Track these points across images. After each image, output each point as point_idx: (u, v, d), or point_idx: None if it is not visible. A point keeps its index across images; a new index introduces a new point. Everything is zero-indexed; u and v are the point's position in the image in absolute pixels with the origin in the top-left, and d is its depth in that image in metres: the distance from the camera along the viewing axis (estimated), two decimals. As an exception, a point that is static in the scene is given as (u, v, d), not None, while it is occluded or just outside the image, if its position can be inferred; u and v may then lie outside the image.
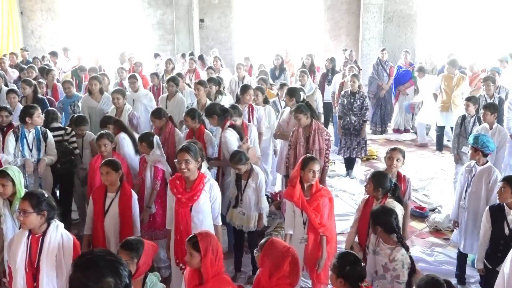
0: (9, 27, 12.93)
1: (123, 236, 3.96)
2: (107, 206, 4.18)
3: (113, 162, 4.25)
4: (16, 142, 5.40)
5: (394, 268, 3.54)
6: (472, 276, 4.95)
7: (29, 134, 5.44)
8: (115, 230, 4.16)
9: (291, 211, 4.27)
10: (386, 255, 3.58)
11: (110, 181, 4.17)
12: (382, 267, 3.60)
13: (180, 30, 12.56)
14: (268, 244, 3.12)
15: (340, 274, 2.94)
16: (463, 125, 6.57)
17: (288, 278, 3.05)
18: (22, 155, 5.35)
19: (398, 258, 3.53)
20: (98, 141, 5.02)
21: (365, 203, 4.18)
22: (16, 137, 5.41)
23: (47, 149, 5.53)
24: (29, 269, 3.23)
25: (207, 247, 3.03)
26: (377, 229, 3.62)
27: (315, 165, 4.14)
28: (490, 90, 7.45)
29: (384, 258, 3.60)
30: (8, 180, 3.88)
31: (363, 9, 11.66)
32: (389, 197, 4.08)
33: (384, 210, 3.71)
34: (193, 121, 5.54)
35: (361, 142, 7.72)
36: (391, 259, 3.55)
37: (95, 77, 7.44)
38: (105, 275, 1.83)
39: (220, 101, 7.23)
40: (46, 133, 5.55)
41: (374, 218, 3.66)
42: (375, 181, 4.06)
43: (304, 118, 5.45)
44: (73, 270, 1.89)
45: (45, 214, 3.23)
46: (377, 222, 3.62)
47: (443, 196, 7.02)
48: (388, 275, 3.59)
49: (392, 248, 3.57)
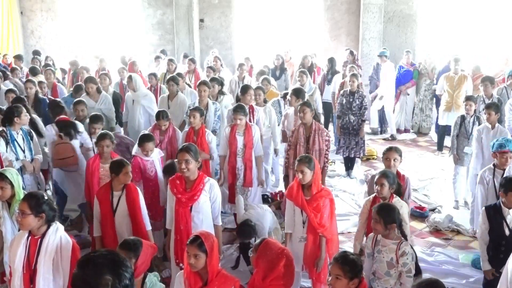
0: (9, 27, 12.92)
1: (135, 231, 3.98)
2: (115, 205, 4.17)
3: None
4: (6, 146, 5.22)
5: (404, 262, 3.50)
6: (472, 276, 4.95)
7: (17, 135, 5.34)
8: (127, 227, 4.16)
9: (291, 210, 4.27)
10: (392, 250, 3.55)
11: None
12: (387, 263, 3.56)
13: (180, 30, 12.56)
14: (263, 246, 3.12)
15: (354, 275, 2.94)
16: (463, 125, 6.56)
17: (282, 280, 3.05)
18: (17, 157, 5.25)
19: (408, 251, 3.52)
20: (100, 141, 4.99)
21: (371, 204, 4.16)
22: (6, 141, 5.23)
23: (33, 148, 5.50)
24: (27, 270, 3.23)
25: (212, 246, 3.04)
26: (380, 223, 3.56)
27: (304, 166, 4.11)
28: (488, 90, 7.43)
29: (389, 254, 3.56)
30: (6, 183, 3.89)
31: (363, 9, 11.65)
32: (395, 197, 4.09)
33: (388, 204, 3.72)
34: (201, 118, 5.70)
35: (359, 142, 7.72)
36: (400, 253, 3.51)
37: (90, 79, 7.39)
38: (103, 273, 1.86)
39: (221, 101, 7.25)
40: (31, 132, 5.52)
41: (380, 211, 3.60)
42: (390, 179, 4.06)
43: (310, 113, 5.50)
44: (76, 268, 1.95)
45: (43, 216, 3.21)
46: (382, 215, 3.56)
47: (443, 196, 7.02)
48: (393, 271, 3.55)
49: (397, 243, 3.55)
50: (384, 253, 3.59)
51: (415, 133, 10.37)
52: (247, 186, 5.66)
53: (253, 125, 5.85)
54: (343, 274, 2.93)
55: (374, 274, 3.66)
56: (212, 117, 6.59)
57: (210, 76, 8.48)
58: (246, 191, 5.68)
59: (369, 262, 3.71)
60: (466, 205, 6.58)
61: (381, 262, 3.60)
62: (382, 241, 3.62)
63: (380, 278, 3.61)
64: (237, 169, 5.63)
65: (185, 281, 3.13)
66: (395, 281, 3.57)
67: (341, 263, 2.95)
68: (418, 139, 10.13)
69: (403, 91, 10.27)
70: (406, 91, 10.26)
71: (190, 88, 8.19)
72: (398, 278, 3.57)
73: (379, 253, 3.63)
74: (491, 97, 7.36)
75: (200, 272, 3.09)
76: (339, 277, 2.94)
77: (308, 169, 4.11)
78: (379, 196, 4.11)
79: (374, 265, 3.67)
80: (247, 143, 5.60)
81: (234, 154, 5.60)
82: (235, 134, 5.62)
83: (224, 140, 5.74)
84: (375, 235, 3.68)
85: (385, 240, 3.60)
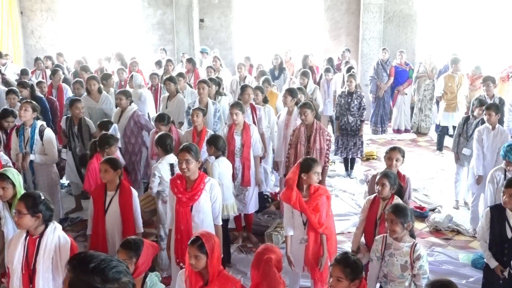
0: (9, 27, 12.91)
1: (125, 233, 3.98)
2: (107, 205, 4.18)
3: (112, 160, 4.27)
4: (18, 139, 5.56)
5: (420, 265, 3.47)
6: (472, 276, 4.95)
7: (25, 131, 5.51)
8: (118, 228, 4.16)
9: (289, 213, 4.25)
10: (406, 253, 3.51)
11: (108, 179, 4.18)
12: (401, 266, 3.51)
13: (180, 30, 12.55)
14: (265, 265, 3.18)
15: (356, 277, 2.93)
16: (465, 126, 6.53)
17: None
18: (21, 150, 5.45)
19: (422, 254, 3.50)
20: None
21: (371, 204, 4.16)
22: (17, 134, 5.56)
23: (44, 148, 5.52)
24: (26, 270, 3.23)
25: (212, 247, 3.05)
26: (398, 224, 3.48)
27: (318, 167, 4.10)
28: (490, 90, 7.42)
29: (403, 257, 3.51)
30: (8, 183, 3.89)
31: (363, 9, 11.65)
32: (395, 198, 4.09)
33: (402, 204, 3.71)
34: (204, 117, 5.79)
35: (357, 143, 7.73)
36: (415, 256, 3.47)
37: (93, 77, 7.44)
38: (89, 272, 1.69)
39: (219, 101, 7.25)
40: (42, 132, 5.55)
41: (396, 212, 3.52)
42: (391, 180, 4.03)
43: (311, 114, 5.51)
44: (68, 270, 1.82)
45: (40, 216, 3.21)
46: (399, 215, 3.49)
47: (443, 196, 7.03)
48: (406, 273, 3.52)
49: (410, 245, 3.52)
50: (397, 257, 3.54)
51: (414, 133, 10.38)
52: (245, 186, 5.65)
53: (251, 124, 5.85)
54: (344, 276, 2.92)
55: (386, 277, 3.62)
56: (212, 117, 6.59)
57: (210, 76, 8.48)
58: (244, 191, 5.68)
59: (377, 266, 3.67)
60: (466, 205, 6.59)
61: (394, 265, 3.54)
62: (394, 244, 3.57)
63: (394, 280, 3.57)
64: (235, 168, 5.63)
65: (186, 280, 3.14)
66: (409, 283, 3.54)
67: (343, 265, 2.94)
68: (418, 139, 10.14)
69: (401, 91, 10.29)
70: (404, 91, 10.28)
71: (191, 88, 8.20)
72: (412, 280, 3.54)
73: (391, 257, 3.56)
74: (493, 97, 7.36)
75: (201, 271, 3.10)
76: (340, 279, 2.93)
77: (320, 167, 4.17)
78: (380, 196, 4.09)
79: (384, 268, 3.62)
80: (245, 142, 5.59)
81: (232, 153, 5.59)
82: (233, 134, 5.61)
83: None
84: (384, 238, 3.64)
85: (397, 243, 3.55)
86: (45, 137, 5.56)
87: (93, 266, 1.67)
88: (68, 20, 13.50)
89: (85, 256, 1.73)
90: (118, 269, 1.69)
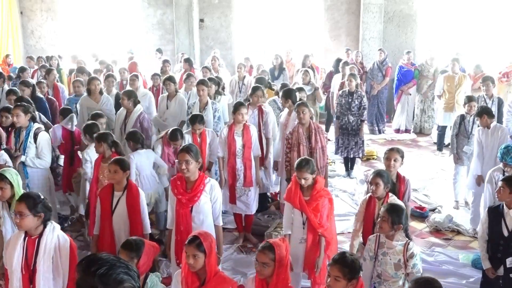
0: (9, 27, 12.92)
1: (132, 234, 3.97)
2: (114, 205, 4.18)
3: (121, 161, 4.22)
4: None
5: (414, 264, 3.49)
6: (472, 276, 4.96)
7: (21, 133, 5.48)
8: (125, 228, 4.15)
9: (289, 212, 4.26)
10: (399, 252, 3.53)
11: (117, 179, 4.15)
12: (394, 265, 3.53)
13: (180, 30, 12.56)
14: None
15: (353, 276, 2.94)
16: (463, 125, 6.55)
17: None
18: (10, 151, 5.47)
19: (415, 252, 3.52)
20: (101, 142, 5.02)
21: (367, 203, 4.16)
22: (14, 135, 5.56)
23: (37, 151, 5.45)
24: (26, 271, 3.24)
25: (211, 246, 3.05)
26: (387, 222, 3.50)
27: (304, 174, 4.10)
28: (489, 90, 7.43)
29: (396, 256, 3.54)
30: (6, 183, 3.88)
31: (363, 9, 11.65)
32: (390, 196, 4.09)
33: (398, 205, 3.71)
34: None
35: (358, 142, 7.72)
36: (408, 255, 3.50)
37: (96, 77, 7.43)
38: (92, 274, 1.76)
39: (219, 101, 7.25)
40: (37, 135, 5.46)
41: (389, 210, 3.55)
42: (384, 179, 4.03)
43: (309, 113, 5.50)
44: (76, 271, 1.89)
45: (41, 215, 3.22)
46: (391, 214, 3.52)
47: (443, 196, 7.03)
48: (400, 272, 3.54)
49: (403, 244, 3.53)
50: (390, 255, 3.56)
51: (416, 134, 10.38)
52: (247, 186, 5.64)
53: (251, 125, 5.83)
54: (342, 275, 2.93)
55: (380, 276, 3.63)
56: (211, 116, 6.58)
57: (206, 76, 8.45)
58: (247, 191, 5.68)
59: (370, 265, 3.68)
60: (466, 205, 6.59)
61: (387, 264, 3.56)
62: (387, 243, 3.58)
63: (388, 280, 3.58)
64: (237, 169, 5.62)
65: (183, 280, 3.13)
66: (403, 282, 3.56)
67: (341, 264, 2.95)
68: (418, 139, 10.14)
69: (405, 91, 10.28)
70: (408, 91, 10.27)
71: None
72: (406, 278, 3.55)
73: (384, 256, 3.58)
74: (492, 97, 7.37)
75: (198, 272, 3.09)
76: (338, 279, 2.94)
77: (309, 174, 4.13)
78: (374, 195, 4.09)
79: (378, 268, 3.62)
80: (245, 142, 5.56)
81: (233, 155, 5.56)
82: (233, 134, 5.57)
83: (222, 141, 5.67)
84: (377, 237, 3.65)
85: (390, 242, 3.57)
86: (39, 140, 5.45)
87: (96, 269, 1.71)
88: (68, 20, 13.51)
89: (94, 259, 1.77)
90: (122, 274, 1.73)
